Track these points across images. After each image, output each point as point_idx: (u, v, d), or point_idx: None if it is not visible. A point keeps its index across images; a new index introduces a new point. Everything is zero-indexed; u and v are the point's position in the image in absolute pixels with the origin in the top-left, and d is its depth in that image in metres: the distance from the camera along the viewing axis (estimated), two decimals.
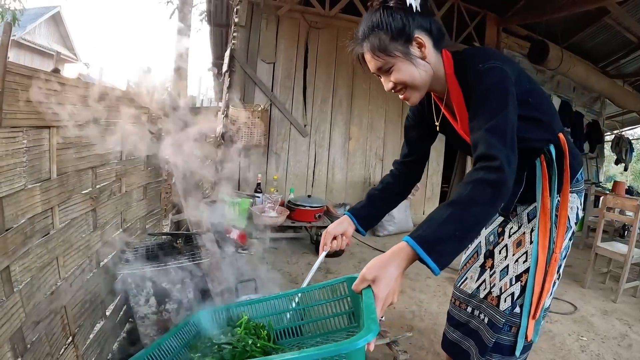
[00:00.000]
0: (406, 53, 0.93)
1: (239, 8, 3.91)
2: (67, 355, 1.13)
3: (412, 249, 0.72)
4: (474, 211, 0.76)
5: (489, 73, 0.90)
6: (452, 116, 1.07)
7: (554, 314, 2.42)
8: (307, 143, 4.29)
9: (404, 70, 0.95)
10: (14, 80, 0.86)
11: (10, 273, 0.90)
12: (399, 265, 0.73)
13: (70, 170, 1.18)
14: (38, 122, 0.99)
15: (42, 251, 1.04)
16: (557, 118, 1.11)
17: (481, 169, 0.80)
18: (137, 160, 1.80)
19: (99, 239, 1.41)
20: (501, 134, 0.83)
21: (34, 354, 0.95)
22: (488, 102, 0.88)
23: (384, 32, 0.92)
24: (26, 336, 0.94)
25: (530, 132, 1.03)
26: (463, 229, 0.74)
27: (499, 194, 0.77)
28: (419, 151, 1.26)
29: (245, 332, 0.95)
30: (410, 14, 0.92)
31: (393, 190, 1.25)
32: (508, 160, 0.80)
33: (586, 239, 4.16)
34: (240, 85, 3.95)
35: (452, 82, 0.99)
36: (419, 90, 0.99)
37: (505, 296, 1.11)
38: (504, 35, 4.83)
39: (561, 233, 1.07)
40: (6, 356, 0.85)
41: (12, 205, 0.90)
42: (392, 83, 0.97)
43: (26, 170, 0.95)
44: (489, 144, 0.82)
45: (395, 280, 0.72)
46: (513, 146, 0.84)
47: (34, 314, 0.98)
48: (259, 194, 3.72)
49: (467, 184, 0.79)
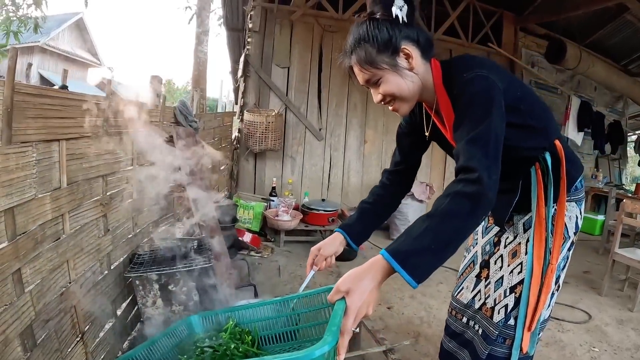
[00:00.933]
0: (393, 65, 0.93)
1: (252, 14, 4.00)
2: (76, 351, 1.21)
3: (386, 262, 0.73)
4: (450, 224, 0.75)
5: (473, 82, 0.89)
6: (442, 125, 1.06)
7: (567, 322, 2.33)
8: (323, 146, 4.32)
9: (391, 81, 0.95)
10: (23, 99, 0.94)
11: (22, 275, 0.98)
12: (373, 278, 0.73)
13: (80, 179, 1.27)
14: (47, 137, 1.08)
15: (53, 255, 1.12)
16: (554, 124, 1.09)
17: (460, 181, 0.79)
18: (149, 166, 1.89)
19: (110, 242, 1.50)
20: (482, 144, 0.82)
21: (42, 349, 1.03)
22: (471, 111, 0.87)
23: (370, 45, 0.92)
24: (36, 333, 1.02)
25: (522, 140, 1.01)
26: (439, 242, 0.74)
27: (477, 206, 0.76)
28: (411, 159, 1.24)
29: (230, 337, 0.99)
30: (397, 25, 0.92)
31: (384, 202, 1.22)
32: (488, 172, 0.78)
33: (606, 244, 3.98)
34: (255, 90, 4.04)
35: (440, 92, 0.98)
36: (408, 101, 0.99)
37: (499, 308, 1.10)
38: (521, 34, 4.70)
39: (558, 244, 1.05)
40: (16, 350, 0.93)
41: (23, 214, 0.98)
42: (380, 95, 0.98)
43: (36, 181, 1.04)
44: (469, 156, 0.81)
45: (369, 292, 0.72)
46: (496, 156, 0.83)
47: (44, 312, 1.06)
48: (274, 198, 3.79)
49: (446, 196, 0.78)
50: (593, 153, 5.57)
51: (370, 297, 0.73)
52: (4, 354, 0.88)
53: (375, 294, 0.74)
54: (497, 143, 0.84)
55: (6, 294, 0.92)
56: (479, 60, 0.97)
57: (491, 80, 0.89)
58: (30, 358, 0.98)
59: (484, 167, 0.78)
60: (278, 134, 3.86)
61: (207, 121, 3.01)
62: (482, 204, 0.77)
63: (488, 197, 0.77)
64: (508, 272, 1.12)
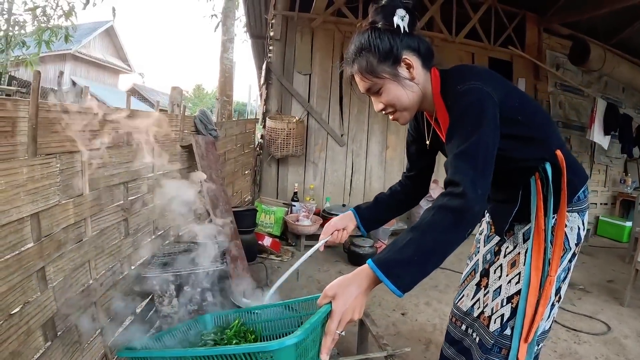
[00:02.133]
0: (394, 74, 0.94)
1: (273, 22, 4.12)
2: (95, 344, 1.32)
3: (372, 271, 0.75)
4: (433, 237, 0.77)
5: (466, 94, 0.89)
6: (442, 133, 1.07)
7: (584, 334, 2.23)
8: (344, 152, 4.36)
9: (392, 91, 0.96)
10: (46, 116, 1.06)
11: (45, 273, 1.09)
12: (359, 285, 0.76)
13: (102, 186, 1.39)
14: (70, 148, 1.20)
15: (75, 255, 1.24)
16: (556, 134, 1.08)
17: (446, 194, 0.81)
18: (169, 173, 2.01)
19: (130, 245, 1.61)
20: (470, 158, 0.83)
21: (62, 341, 1.14)
22: (461, 124, 0.88)
23: (371, 54, 0.93)
24: (57, 325, 1.13)
25: (520, 151, 1.01)
26: (422, 254, 0.75)
27: (460, 220, 0.77)
28: (420, 166, 1.26)
29: (235, 334, 1.07)
30: (398, 35, 0.93)
31: (400, 198, 1.27)
32: (474, 186, 0.79)
33: (633, 252, 3.71)
34: (277, 97, 4.15)
35: (438, 101, 0.99)
36: (408, 110, 1.00)
37: (496, 317, 1.10)
38: (545, 35, 4.53)
39: (557, 255, 1.03)
40: (38, 340, 1.05)
41: (47, 219, 1.10)
42: (381, 104, 0.99)
43: (60, 188, 1.16)
44: (456, 169, 0.83)
45: (355, 298, 0.75)
46: (484, 169, 0.83)
47: (65, 307, 1.17)
48: (295, 203, 3.87)
49: (431, 209, 0.80)
50: (621, 157, 5.24)
51: (356, 303, 0.76)
52: (26, 342, 0.99)
53: (360, 300, 0.77)
54: (486, 156, 0.84)
55: (30, 289, 1.03)
56: (475, 70, 0.97)
57: (484, 92, 0.89)
58: (51, 347, 1.09)
59: (469, 181, 0.79)
60: (299, 140, 3.94)
61: (228, 128, 3.14)
62: (465, 218, 0.78)
63: (472, 211, 0.78)
64: (506, 282, 1.11)
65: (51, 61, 13.98)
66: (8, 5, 6.74)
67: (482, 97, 0.88)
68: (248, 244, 2.75)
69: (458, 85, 0.91)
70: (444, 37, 4.26)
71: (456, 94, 0.91)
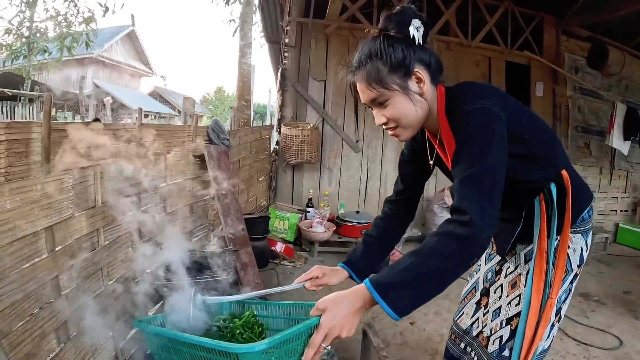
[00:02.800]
0: (404, 87, 0.90)
1: (288, 29, 4.19)
2: (107, 346, 1.41)
3: (368, 292, 0.76)
4: (433, 263, 0.76)
5: (473, 115, 0.86)
6: (444, 153, 1.03)
7: (594, 348, 2.15)
8: (360, 158, 4.37)
9: (399, 105, 0.92)
10: (59, 135, 1.15)
11: (59, 281, 1.18)
12: (352, 304, 0.78)
13: (114, 197, 1.48)
14: (83, 164, 1.29)
15: (88, 264, 1.33)
16: (561, 153, 1.05)
17: (452, 221, 0.79)
18: (181, 183, 2.10)
19: (142, 252, 1.70)
20: (477, 184, 0.81)
21: (75, 343, 1.23)
22: (468, 147, 0.85)
23: (382, 62, 0.89)
24: (70, 329, 1.22)
25: (526, 172, 0.99)
26: (420, 280, 0.75)
27: (466, 249, 0.76)
28: (413, 188, 1.22)
29: (243, 324, 1.12)
30: (412, 46, 0.89)
31: (387, 234, 1.21)
32: (481, 214, 0.77)
33: None
34: (292, 104, 4.22)
35: (442, 120, 0.95)
36: (412, 127, 0.96)
37: (494, 338, 1.09)
38: (564, 38, 4.38)
39: (559, 277, 1.02)
40: (51, 342, 1.13)
41: (62, 231, 1.19)
42: (384, 118, 0.95)
43: (73, 202, 1.24)
44: (462, 196, 0.81)
45: (344, 316, 0.77)
46: (492, 195, 0.81)
47: (78, 312, 1.26)
48: (310, 209, 3.92)
49: (435, 235, 0.79)
50: None
51: (345, 320, 0.77)
52: (40, 344, 1.08)
53: (351, 319, 0.78)
54: (494, 180, 0.82)
55: (45, 296, 1.12)
56: (480, 89, 0.94)
57: (492, 112, 0.86)
58: (64, 349, 1.17)
59: (476, 209, 0.77)
60: (314, 147, 3.99)
61: (242, 136, 3.23)
62: (470, 247, 0.76)
63: (479, 240, 0.76)
64: (506, 303, 1.10)
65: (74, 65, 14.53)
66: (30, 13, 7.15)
67: (489, 117, 0.85)
68: (260, 250, 2.82)
69: (465, 105, 0.87)
70: (459, 41, 4.20)
71: (463, 114, 0.87)
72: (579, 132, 4.52)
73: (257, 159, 3.71)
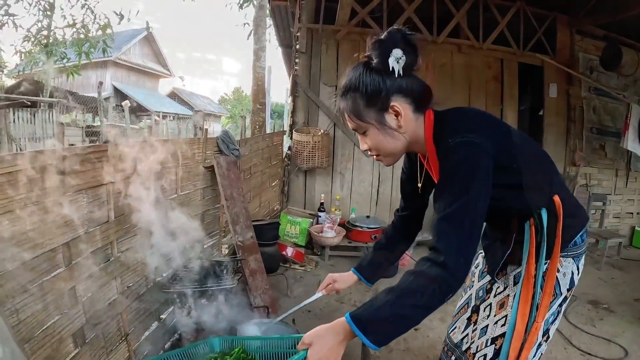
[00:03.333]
0: (380, 122, 0.91)
1: (299, 35, 4.25)
2: (121, 349, 1.53)
3: (349, 325, 0.80)
4: (409, 302, 0.79)
5: (457, 150, 0.86)
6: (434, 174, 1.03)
7: (599, 358, 2.12)
8: (371, 163, 4.40)
9: (375, 137, 0.93)
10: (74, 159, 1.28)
11: (75, 291, 1.31)
12: (334, 337, 0.82)
13: (126, 211, 1.60)
14: (96, 183, 1.41)
15: (102, 273, 1.45)
16: (554, 178, 1.06)
17: (427, 260, 0.82)
18: (192, 193, 2.22)
19: (153, 261, 1.82)
20: (456, 223, 0.82)
21: (90, 346, 1.36)
22: (450, 183, 0.86)
23: (360, 95, 0.90)
24: (86, 333, 1.35)
25: (516, 200, 0.98)
26: (396, 316, 0.79)
27: (438, 288, 0.79)
28: (416, 205, 1.24)
29: None
30: (390, 78, 0.88)
31: (395, 243, 1.29)
32: (456, 256, 0.79)
33: None
34: (304, 109, 4.28)
35: (430, 146, 0.95)
36: (394, 155, 0.99)
37: (479, 356, 1.12)
38: (578, 37, 4.25)
39: (546, 302, 1.02)
40: (69, 346, 1.26)
41: (77, 245, 1.32)
42: (366, 145, 0.97)
43: (88, 219, 1.37)
44: (440, 235, 0.83)
45: (329, 348, 0.81)
46: (471, 235, 0.82)
47: (94, 318, 1.39)
48: (321, 213, 3.99)
49: (412, 273, 0.82)
50: None
51: (330, 353, 0.82)
52: (58, 348, 1.21)
53: (336, 351, 0.83)
54: (474, 218, 0.83)
55: (63, 305, 1.25)
56: (470, 121, 0.94)
57: (477, 145, 0.85)
58: (80, 352, 1.30)
59: (452, 250, 0.80)
60: (325, 152, 4.06)
61: (253, 144, 3.33)
62: (443, 287, 0.79)
63: (452, 280, 0.80)
64: (493, 322, 1.12)
65: (92, 68, 15.06)
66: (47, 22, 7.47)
67: (473, 152, 0.85)
68: (270, 256, 2.91)
69: (449, 138, 0.87)
70: (470, 43, 4.16)
71: (447, 148, 0.87)
72: (594, 133, 4.40)
73: (269, 164, 3.81)
